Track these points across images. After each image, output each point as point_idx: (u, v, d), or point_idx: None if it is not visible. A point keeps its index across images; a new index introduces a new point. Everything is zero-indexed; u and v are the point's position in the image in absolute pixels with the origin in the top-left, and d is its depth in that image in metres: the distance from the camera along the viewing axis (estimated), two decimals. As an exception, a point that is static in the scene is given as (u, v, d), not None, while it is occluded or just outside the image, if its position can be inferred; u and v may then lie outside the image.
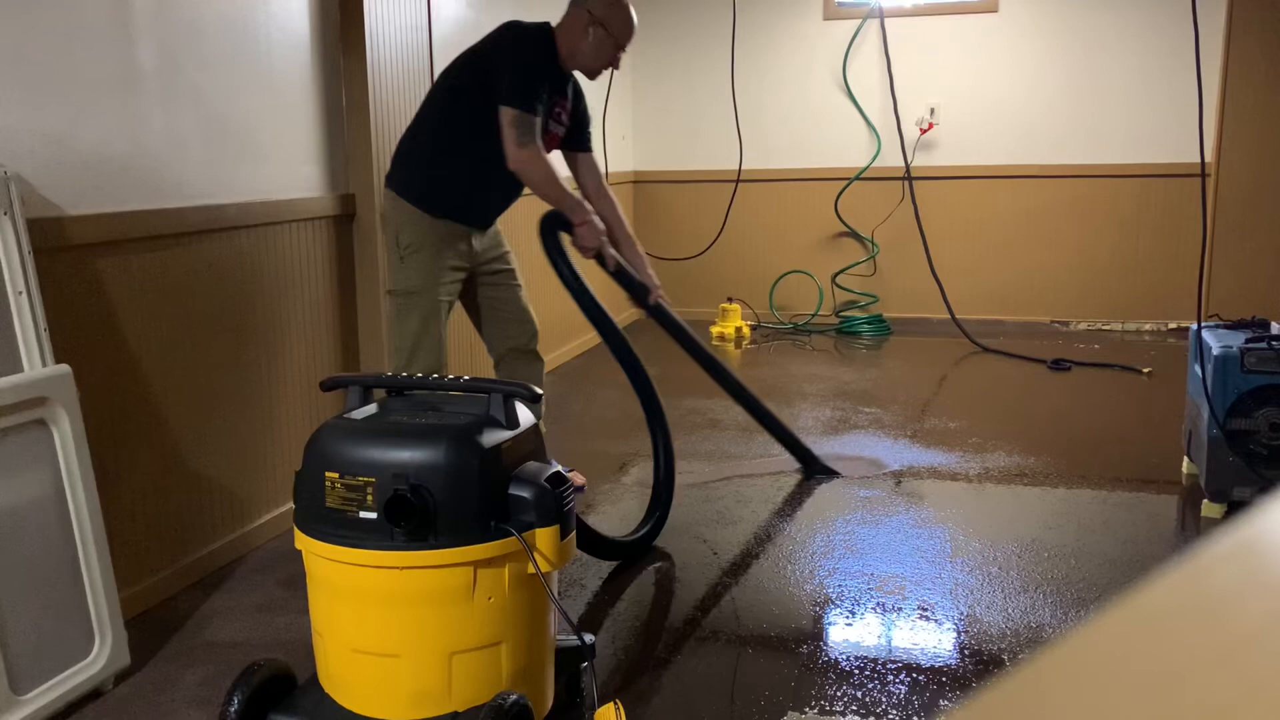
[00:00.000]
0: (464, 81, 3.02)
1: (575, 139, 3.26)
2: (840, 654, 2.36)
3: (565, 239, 3.07)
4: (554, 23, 3.10)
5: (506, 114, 2.90)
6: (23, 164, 2.23)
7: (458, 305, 3.21)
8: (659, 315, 3.28)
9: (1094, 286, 6.10)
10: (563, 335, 5.46)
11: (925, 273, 6.12)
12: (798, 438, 3.61)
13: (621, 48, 3.11)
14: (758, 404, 3.55)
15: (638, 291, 3.21)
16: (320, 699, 1.88)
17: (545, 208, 3.08)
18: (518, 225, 5.00)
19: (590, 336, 5.90)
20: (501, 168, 3.04)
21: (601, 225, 3.07)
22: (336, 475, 1.79)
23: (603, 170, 5.58)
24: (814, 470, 3.58)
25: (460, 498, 1.76)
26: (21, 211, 2.13)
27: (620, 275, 3.17)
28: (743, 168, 6.10)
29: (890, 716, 2.10)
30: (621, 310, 6.49)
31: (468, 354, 4.11)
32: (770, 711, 2.11)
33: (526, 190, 3.14)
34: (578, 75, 3.22)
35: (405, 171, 3.07)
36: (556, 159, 3.23)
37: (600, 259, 3.12)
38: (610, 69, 3.15)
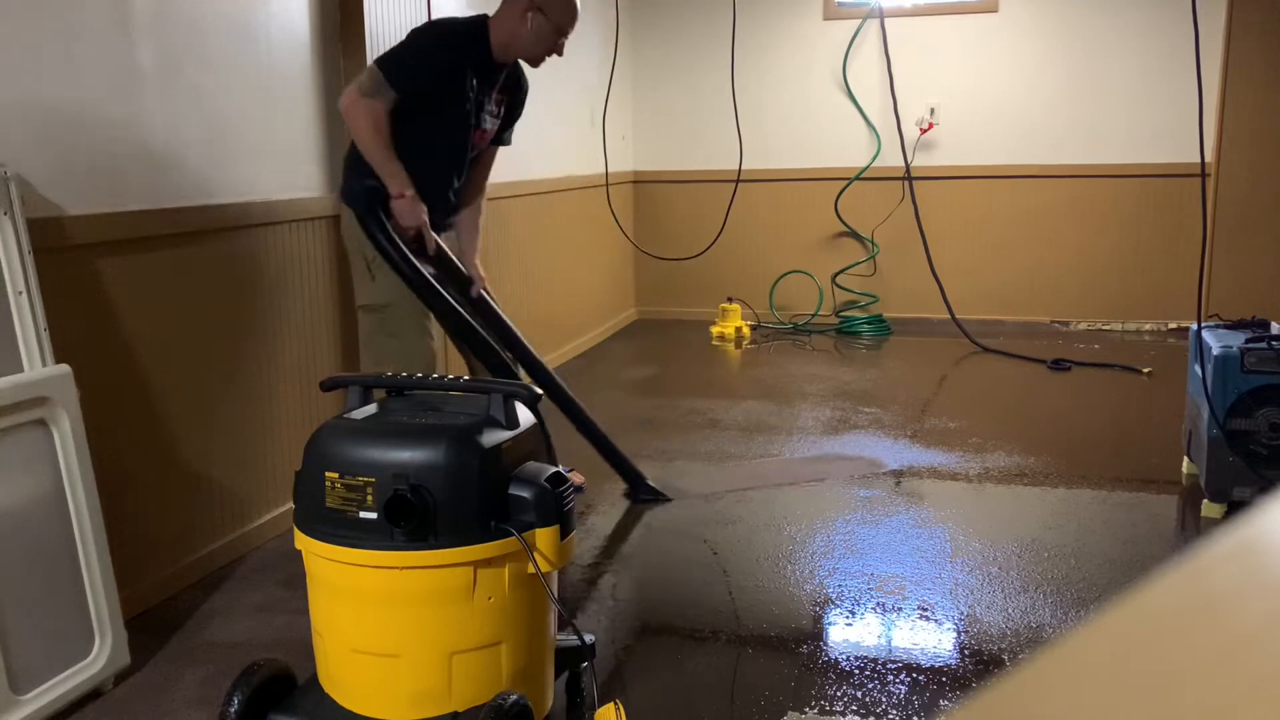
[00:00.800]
0: None
1: (500, 133, 3.15)
2: (840, 654, 2.36)
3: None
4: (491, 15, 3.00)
5: (368, 68, 2.81)
6: (23, 164, 2.23)
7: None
8: (481, 308, 3.08)
9: (1094, 286, 6.10)
10: (561, 336, 5.46)
11: (925, 273, 6.12)
12: (625, 457, 3.40)
13: (563, 33, 3.00)
14: (586, 418, 3.33)
15: (459, 280, 3.03)
16: (320, 699, 1.88)
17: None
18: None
19: (589, 338, 5.90)
20: (442, 165, 2.96)
21: (424, 206, 2.88)
22: (336, 475, 1.79)
23: (603, 170, 5.61)
24: (640, 494, 3.37)
25: (460, 498, 1.76)
26: (21, 211, 2.13)
27: (439, 261, 2.97)
28: (743, 168, 6.10)
29: (890, 716, 2.10)
30: (622, 310, 6.50)
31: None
32: (770, 711, 2.11)
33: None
34: (531, 74, 3.15)
35: (348, 180, 2.97)
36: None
37: (418, 241, 2.90)
38: (554, 55, 3.04)
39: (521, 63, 3.12)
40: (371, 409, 1.95)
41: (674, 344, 6.06)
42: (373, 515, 1.76)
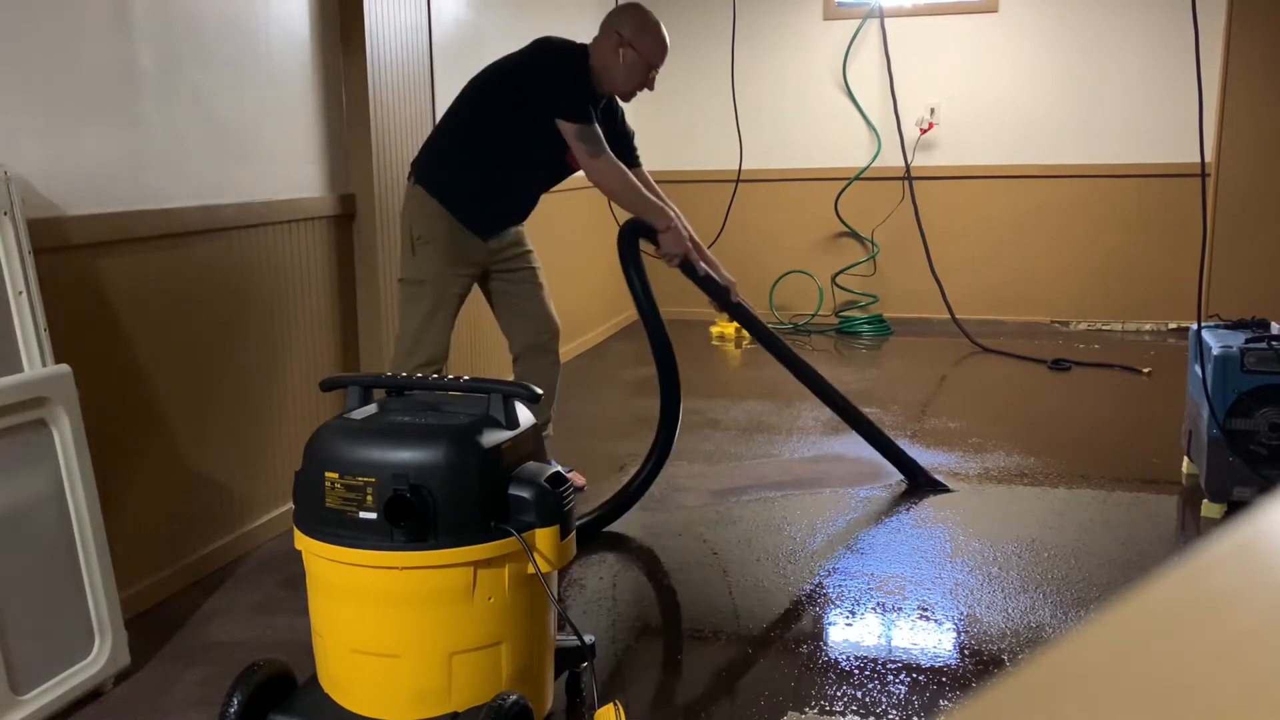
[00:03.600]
0: (498, 92, 3.02)
1: (623, 156, 3.21)
2: (840, 654, 2.36)
3: (647, 250, 3.07)
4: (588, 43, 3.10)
5: (568, 129, 2.92)
6: (23, 164, 2.23)
7: (479, 300, 3.23)
8: (740, 315, 3.30)
9: (1094, 286, 6.09)
10: (561, 336, 5.45)
11: (925, 273, 6.12)
12: (898, 446, 3.49)
13: (654, 68, 3.09)
14: (860, 416, 3.44)
15: (720, 294, 3.22)
16: (320, 699, 1.88)
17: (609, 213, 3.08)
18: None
19: (590, 337, 5.90)
20: (517, 186, 3.06)
21: (684, 232, 3.07)
22: (336, 475, 1.79)
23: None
24: (919, 481, 3.44)
25: (460, 498, 1.76)
26: (21, 211, 2.13)
27: (706, 281, 3.18)
28: (743, 168, 6.10)
29: (890, 716, 2.10)
30: (622, 310, 6.51)
31: (467, 354, 4.11)
32: (770, 711, 2.11)
33: (578, 184, 3.14)
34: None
35: (427, 164, 3.08)
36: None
37: (686, 266, 3.11)
38: (644, 90, 3.14)
39: None
40: (371, 409, 1.95)
41: (674, 344, 6.05)
42: (372, 515, 1.76)
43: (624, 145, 3.25)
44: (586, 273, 5.88)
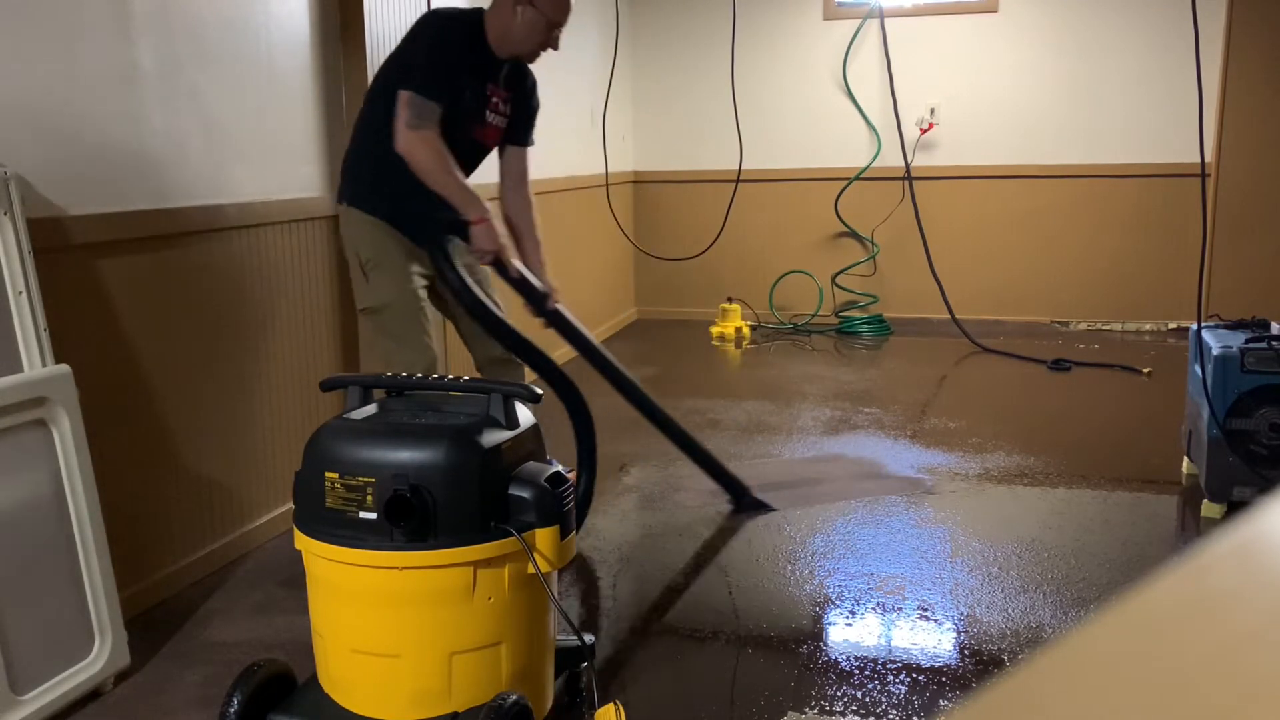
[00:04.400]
0: (391, 80, 2.85)
1: (515, 132, 3.06)
2: (840, 654, 2.36)
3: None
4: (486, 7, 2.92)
5: (401, 96, 2.71)
6: (23, 164, 2.23)
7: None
8: (557, 322, 3.03)
9: (1094, 286, 6.10)
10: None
11: (925, 273, 6.12)
12: (725, 468, 3.29)
13: (556, 25, 2.89)
14: (681, 431, 3.26)
15: (536, 299, 2.95)
16: (320, 699, 1.88)
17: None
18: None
19: (590, 336, 5.90)
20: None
21: (502, 228, 2.82)
22: (336, 475, 1.79)
23: (603, 170, 5.60)
24: (744, 504, 3.27)
25: (460, 498, 1.76)
26: (21, 211, 2.13)
27: (520, 284, 2.91)
28: (743, 168, 6.10)
29: (890, 716, 2.10)
30: (622, 310, 6.50)
31: (467, 354, 4.11)
32: (770, 711, 2.11)
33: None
34: (532, 68, 3.05)
35: (355, 180, 2.93)
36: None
37: (498, 265, 2.82)
38: (548, 50, 2.94)
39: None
40: (371, 409, 1.95)
41: (674, 344, 6.06)
42: (372, 515, 1.76)
43: (521, 122, 3.06)
44: (585, 272, 5.88)
